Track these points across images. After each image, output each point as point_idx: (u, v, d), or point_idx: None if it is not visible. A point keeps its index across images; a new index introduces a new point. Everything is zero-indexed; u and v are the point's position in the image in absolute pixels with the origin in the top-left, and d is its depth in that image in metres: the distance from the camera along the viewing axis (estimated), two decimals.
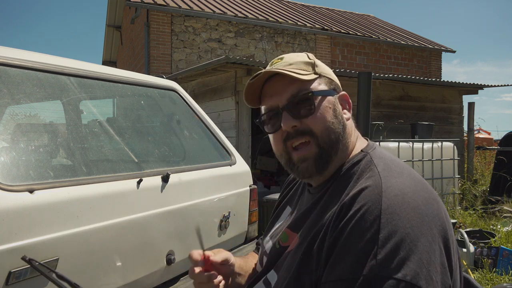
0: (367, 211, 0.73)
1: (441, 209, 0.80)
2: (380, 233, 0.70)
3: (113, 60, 15.68)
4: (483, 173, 8.38)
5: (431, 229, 0.73)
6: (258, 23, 10.46)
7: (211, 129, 2.60)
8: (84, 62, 2.00)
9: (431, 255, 0.71)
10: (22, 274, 1.28)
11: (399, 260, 0.68)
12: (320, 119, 0.88)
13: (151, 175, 1.89)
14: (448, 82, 7.52)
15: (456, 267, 0.79)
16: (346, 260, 0.71)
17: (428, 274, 0.69)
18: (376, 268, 0.68)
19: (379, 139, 5.77)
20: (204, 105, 6.27)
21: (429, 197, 0.78)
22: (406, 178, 0.80)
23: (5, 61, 1.58)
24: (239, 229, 2.51)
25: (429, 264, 0.70)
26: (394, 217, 0.71)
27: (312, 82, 0.91)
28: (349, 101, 0.97)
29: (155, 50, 9.49)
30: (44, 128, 1.90)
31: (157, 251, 1.83)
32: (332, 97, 0.92)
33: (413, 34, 14.51)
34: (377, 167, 0.83)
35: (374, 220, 0.71)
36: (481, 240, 4.09)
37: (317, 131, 0.87)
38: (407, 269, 0.68)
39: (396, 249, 0.69)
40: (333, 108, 0.90)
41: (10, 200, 1.30)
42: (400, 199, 0.74)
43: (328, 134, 0.88)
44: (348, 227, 0.73)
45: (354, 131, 0.96)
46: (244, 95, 0.96)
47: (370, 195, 0.75)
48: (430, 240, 0.72)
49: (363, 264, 0.69)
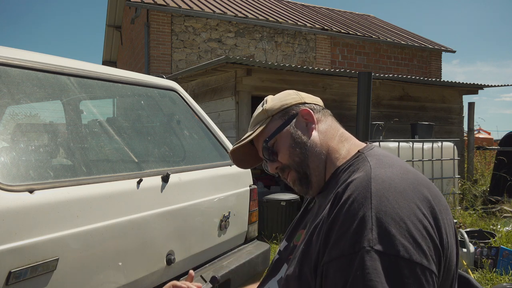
0: (358, 195, 0.81)
1: (432, 194, 0.85)
2: (371, 212, 0.77)
3: (113, 60, 15.68)
4: (483, 173, 8.39)
5: (421, 209, 0.79)
6: (258, 23, 10.46)
7: (211, 129, 2.60)
8: (84, 62, 2.00)
9: (423, 232, 0.76)
10: (22, 274, 1.28)
11: (392, 237, 0.74)
12: (283, 153, 1.03)
13: (151, 175, 1.89)
14: (448, 82, 7.51)
15: (452, 250, 0.85)
16: (345, 238, 0.77)
17: (421, 249, 0.74)
18: (372, 243, 0.74)
19: (379, 139, 5.77)
20: (204, 105, 6.27)
21: (418, 183, 0.85)
22: (396, 169, 0.87)
23: (5, 61, 1.58)
24: (239, 229, 2.51)
25: (422, 240, 0.75)
26: (383, 199, 0.78)
27: (266, 129, 1.05)
28: (311, 113, 1.04)
29: (155, 50, 9.49)
30: (44, 128, 1.90)
31: (157, 251, 1.83)
32: (286, 127, 1.04)
33: (413, 34, 14.51)
34: (370, 162, 0.91)
35: (365, 201, 0.79)
36: (481, 240, 4.09)
37: (286, 162, 1.03)
38: (400, 246, 0.73)
39: (388, 226, 0.75)
40: (290, 137, 1.02)
41: (10, 200, 1.30)
42: (387, 184, 0.81)
43: (294, 159, 1.02)
44: (342, 211, 0.81)
45: (337, 137, 1.04)
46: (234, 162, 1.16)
47: (360, 183, 0.83)
48: (421, 219, 0.77)
49: (359, 240, 0.75)
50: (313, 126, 1.03)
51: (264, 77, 5.95)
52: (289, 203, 5.20)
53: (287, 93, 1.10)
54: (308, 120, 1.03)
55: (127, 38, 12.92)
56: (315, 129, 1.03)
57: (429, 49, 13.12)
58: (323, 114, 1.06)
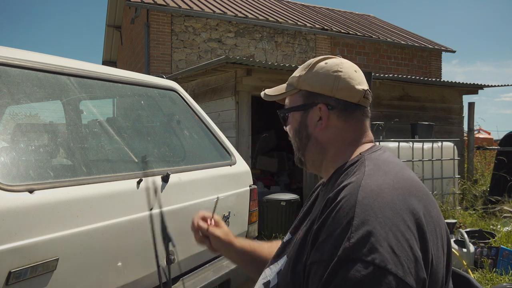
0: (345, 202, 0.82)
1: (424, 205, 0.85)
2: (354, 220, 0.78)
3: (113, 60, 15.67)
4: (483, 173, 8.38)
5: (405, 221, 0.79)
6: (258, 23, 10.45)
7: (211, 129, 2.60)
8: (84, 62, 2.00)
9: (403, 244, 0.76)
10: (22, 274, 1.28)
11: (370, 245, 0.75)
12: (290, 129, 1.10)
13: (151, 175, 1.89)
14: (448, 82, 7.51)
15: (438, 263, 0.84)
16: (327, 244, 0.80)
17: (398, 260, 0.74)
18: (349, 250, 0.75)
19: (379, 139, 5.77)
20: (204, 105, 6.27)
21: (409, 194, 0.85)
22: (390, 177, 0.88)
23: (5, 61, 1.58)
24: (239, 229, 2.51)
25: (400, 251, 0.75)
26: (367, 208, 0.79)
27: (288, 98, 1.10)
28: (326, 112, 1.03)
29: (155, 50, 9.49)
30: (44, 128, 1.90)
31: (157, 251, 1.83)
32: (300, 112, 1.06)
33: (413, 34, 14.51)
34: (366, 167, 0.91)
35: (350, 209, 0.80)
36: (481, 240, 4.09)
37: (291, 137, 1.10)
38: (377, 253, 0.74)
39: (368, 235, 0.76)
40: (299, 123, 1.06)
41: (10, 200, 1.30)
42: (375, 193, 0.82)
43: (295, 141, 1.09)
44: (330, 217, 0.83)
45: (349, 140, 1.03)
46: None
47: (350, 189, 0.85)
48: (403, 231, 0.78)
49: (339, 246, 0.77)
50: (322, 125, 1.02)
51: (264, 77, 5.95)
52: (289, 203, 5.19)
53: (326, 74, 1.03)
54: (322, 116, 1.02)
55: (127, 38, 12.91)
56: (323, 129, 1.02)
57: (429, 49, 13.11)
58: (348, 114, 1.02)
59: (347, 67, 1.04)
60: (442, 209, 5.47)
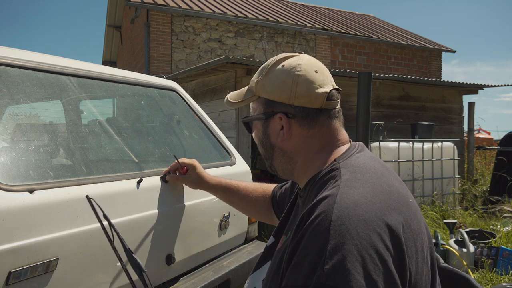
0: (319, 222, 0.76)
1: (405, 217, 0.81)
2: (328, 244, 0.73)
3: (113, 60, 15.68)
4: (483, 173, 8.39)
5: (384, 241, 0.75)
6: (258, 23, 10.46)
7: (211, 129, 2.60)
8: (84, 62, 2.00)
9: (380, 267, 0.72)
10: (22, 274, 1.28)
11: (346, 272, 0.70)
12: (255, 137, 1.05)
13: (151, 175, 1.89)
14: (448, 82, 7.51)
15: (418, 279, 0.81)
16: (300, 268, 0.75)
17: (375, 285, 0.71)
18: (323, 278, 0.71)
19: (379, 139, 5.77)
20: (204, 105, 6.27)
21: (388, 207, 0.80)
22: (368, 189, 0.82)
23: (5, 61, 1.58)
24: (239, 229, 2.51)
25: (378, 275, 0.71)
26: (342, 228, 0.74)
27: (253, 105, 1.04)
28: (286, 122, 0.97)
29: (155, 50, 9.50)
30: (44, 128, 1.90)
31: (157, 251, 1.83)
32: (261, 122, 1.01)
33: (413, 34, 14.51)
34: (342, 177, 0.86)
35: (324, 230, 0.75)
36: (481, 240, 4.09)
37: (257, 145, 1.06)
38: (353, 281, 0.70)
39: (343, 260, 0.71)
40: (261, 133, 1.02)
41: (10, 200, 1.30)
42: (351, 210, 0.76)
43: (261, 150, 1.05)
44: (303, 238, 0.78)
45: (317, 147, 0.97)
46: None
47: (324, 206, 0.79)
48: (381, 252, 0.73)
49: (313, 273, 0.72)
50: (284, 135, 0.97)
51: None
52: None
53: (283, 80, 0.95)
54: (284, 126, 0.97)
55: (127, 38, 12.92)
56: (286, 138, 0.97)
57: (429, 49, 13.12)
58: (311, 121, 0.95)
59: (306, 69, 0.95)
60: (442, 209, 5.47)
